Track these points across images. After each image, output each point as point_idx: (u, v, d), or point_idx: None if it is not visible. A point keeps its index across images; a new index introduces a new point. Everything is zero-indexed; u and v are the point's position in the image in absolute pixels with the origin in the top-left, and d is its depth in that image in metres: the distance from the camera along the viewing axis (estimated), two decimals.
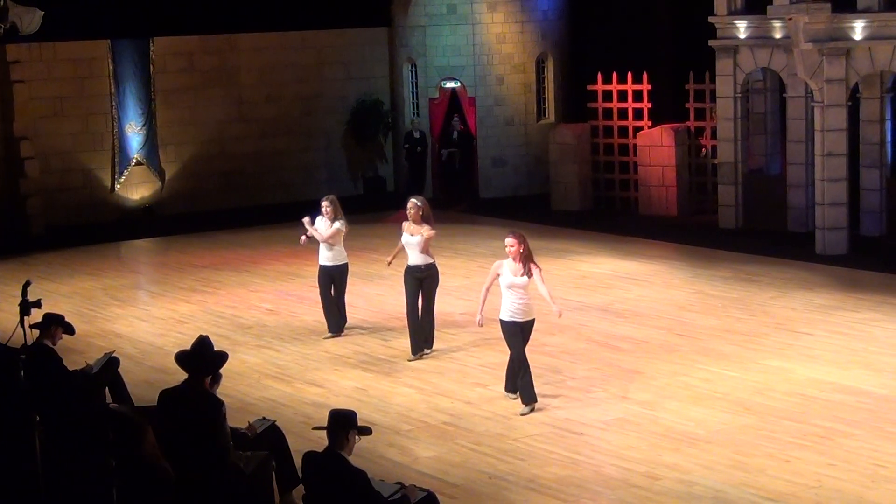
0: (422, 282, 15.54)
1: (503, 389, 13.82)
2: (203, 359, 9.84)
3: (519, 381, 13.44)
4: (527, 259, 13.28)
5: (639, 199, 25.92)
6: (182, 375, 9.91)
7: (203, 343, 9.92)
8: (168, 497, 8.80)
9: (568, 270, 20.35)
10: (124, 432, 8.89)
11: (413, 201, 15.63)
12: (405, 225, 15.62)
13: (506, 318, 13.35)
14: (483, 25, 28.06)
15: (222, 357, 10.02)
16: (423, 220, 15.47)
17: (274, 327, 17.56)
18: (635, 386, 14.17)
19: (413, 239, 15.46)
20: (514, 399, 13.57)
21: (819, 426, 12.63)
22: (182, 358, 9.90)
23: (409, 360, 15.51)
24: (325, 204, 16.60)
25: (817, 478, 11.27)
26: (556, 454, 12.10)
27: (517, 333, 13.34)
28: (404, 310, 15.74)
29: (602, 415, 13.24)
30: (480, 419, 13.16)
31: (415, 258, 15.54)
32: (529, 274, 13.26)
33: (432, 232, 15.47)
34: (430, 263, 15.56)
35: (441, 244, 18.70)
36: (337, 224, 16.49)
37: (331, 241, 16.56)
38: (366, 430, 9.02)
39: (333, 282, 16.74)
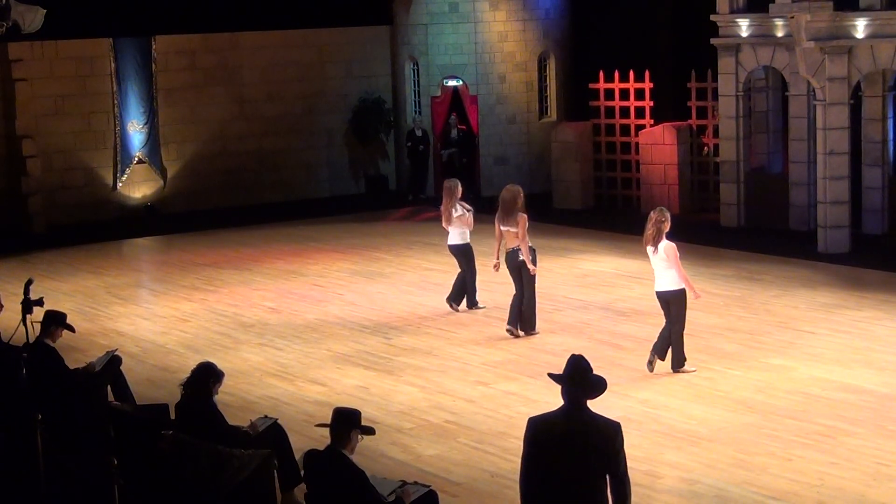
0: (519, 270, 16.34)
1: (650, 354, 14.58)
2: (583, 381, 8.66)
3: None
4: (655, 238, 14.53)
5: (641, 197, 25.89)
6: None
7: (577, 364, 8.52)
8: None
9: (570, 269, 20.34)
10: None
11: (505, 192, 16.49)
12: (498, 221, 16.42)
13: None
14: (485, 24, 28.05)
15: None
16: (519, 210, 16.28)
17: (276, 325, 17.55)
18: (637, 384, 14.16)
19: (510, 229, 16.29)
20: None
21: (821, 425, 12.62)
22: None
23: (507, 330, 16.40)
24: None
25: (819, 476, 11.27)
26: None
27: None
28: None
29: (604, 413, 13.19)
30: (482, 417, 13.15)
31: (510, 243, 16.43)
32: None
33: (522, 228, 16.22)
34: (517, 249, 16.31)
35: (443, 243, 18.68)
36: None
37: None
38: (369, 430, 8.99)
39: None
